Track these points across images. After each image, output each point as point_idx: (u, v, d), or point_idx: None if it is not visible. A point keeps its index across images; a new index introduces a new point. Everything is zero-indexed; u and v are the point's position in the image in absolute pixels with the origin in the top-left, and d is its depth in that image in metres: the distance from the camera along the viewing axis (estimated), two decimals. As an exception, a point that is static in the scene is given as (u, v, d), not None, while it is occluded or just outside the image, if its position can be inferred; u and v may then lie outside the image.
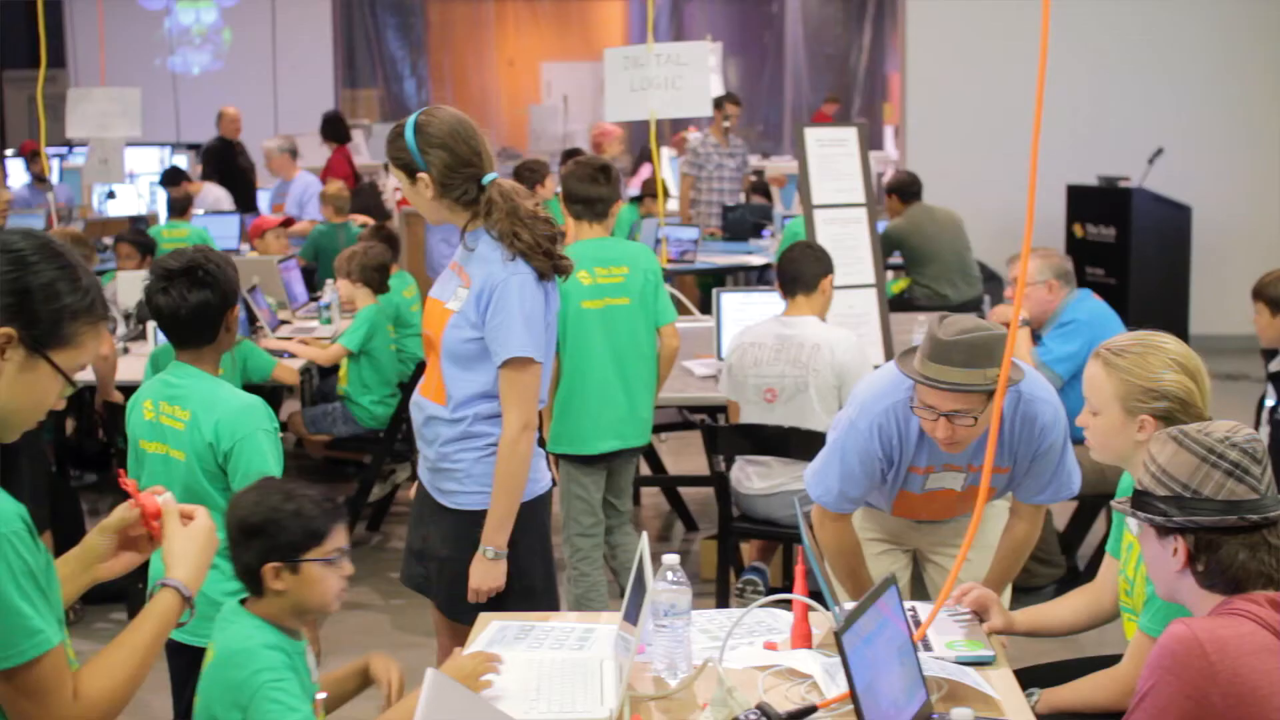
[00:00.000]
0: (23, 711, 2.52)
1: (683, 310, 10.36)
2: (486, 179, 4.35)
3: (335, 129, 14.52)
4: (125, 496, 2.96)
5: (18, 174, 14.98)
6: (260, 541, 3.32)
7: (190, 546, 2.83)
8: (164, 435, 4.30)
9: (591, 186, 6.22)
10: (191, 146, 16.56)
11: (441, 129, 4.33)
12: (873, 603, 3.16)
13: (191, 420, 4.24)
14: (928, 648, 3.71)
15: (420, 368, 8.13)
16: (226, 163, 14.80)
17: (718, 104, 13.06)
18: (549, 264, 4.34)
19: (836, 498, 4.55)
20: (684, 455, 9.53)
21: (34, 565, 2.51)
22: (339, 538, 3.38)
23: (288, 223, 11.54)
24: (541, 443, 4.65)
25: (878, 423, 4.45)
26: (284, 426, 4.41)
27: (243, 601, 3.39)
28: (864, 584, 4.61)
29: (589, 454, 6.26)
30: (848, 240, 7.82)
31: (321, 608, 3.41)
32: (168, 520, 2.84)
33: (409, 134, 4.34)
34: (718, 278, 12.22)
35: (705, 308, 10.48)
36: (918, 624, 3.83)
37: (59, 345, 2.64)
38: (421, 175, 4.35)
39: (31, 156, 13.86)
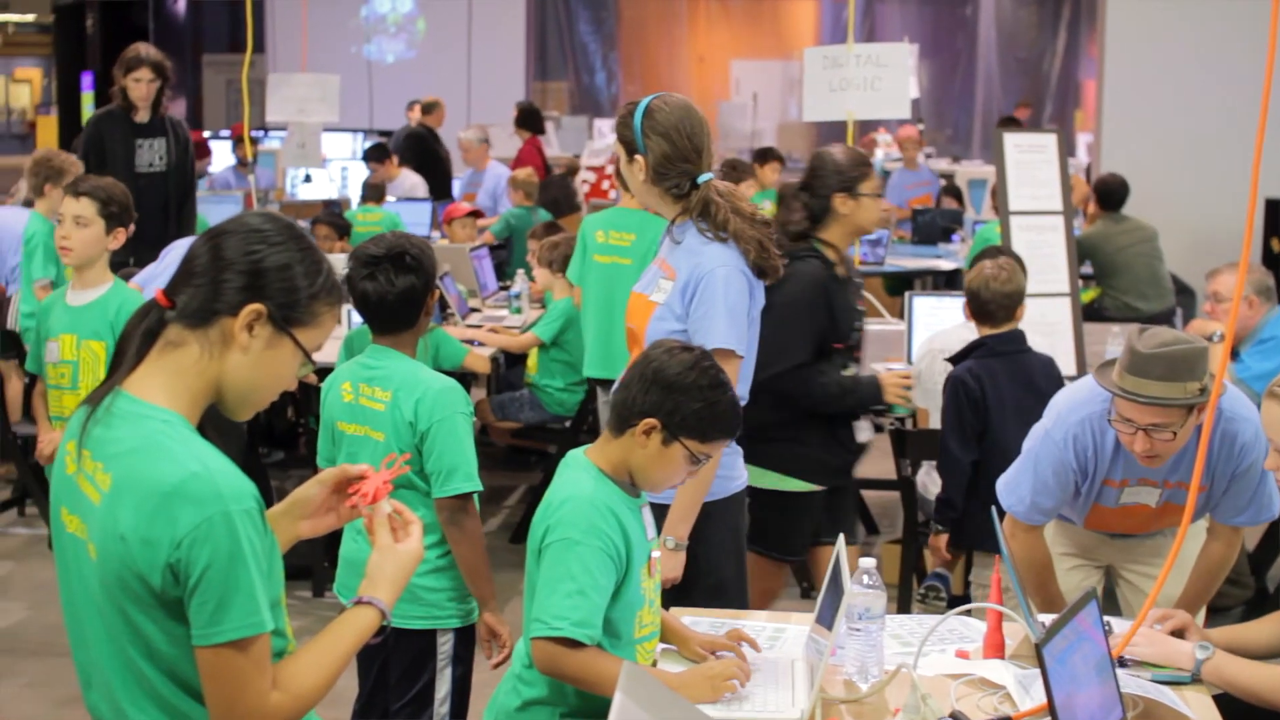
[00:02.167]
0: (221, 694, 2.56)
1: (871, 312, 10.31)
2: (702, 178, 4.38)
3: (531, 119, 14.65)
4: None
5: (222, 156, 15.26)
6: (663, 397, 3.46)
7: (398, 572, 2.84)
8: (364, 417, 4.37)
9: None
10: (384, 133, 16.77)
11: (668, 119, 4.36)
12: (1073, 616, 3.13)
13: (392, 401, 4.30)
14: (1124, 665, 3.66)
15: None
16: (425, 150, 14.97)
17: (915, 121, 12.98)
18: (763, 262, 4.37)
19: (1029, 508, 4.51)
20: (867, 458, 9.44)
21: (260, 546, 2.56)
22: (719, 449, 3.62)
23: (476, 214, 11.63)
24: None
25: (1073, 434, 4.41)
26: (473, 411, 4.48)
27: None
28: (1053, 597, 4.56)
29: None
30: (1043, 248, 7.72)
31: (650, 486, 3.56)
32: (379, 530, 2.86)
33: (637, 115, 4.41)
34: (905, 281, 12.13)
35: (894, 310, 10.41)
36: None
37: (302, 324, 2.71)
38: (638, 157, 4.41)
39: (237, 140, 14.12)
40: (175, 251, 7.92)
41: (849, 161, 5.41)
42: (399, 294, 4.30)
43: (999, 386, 5.80)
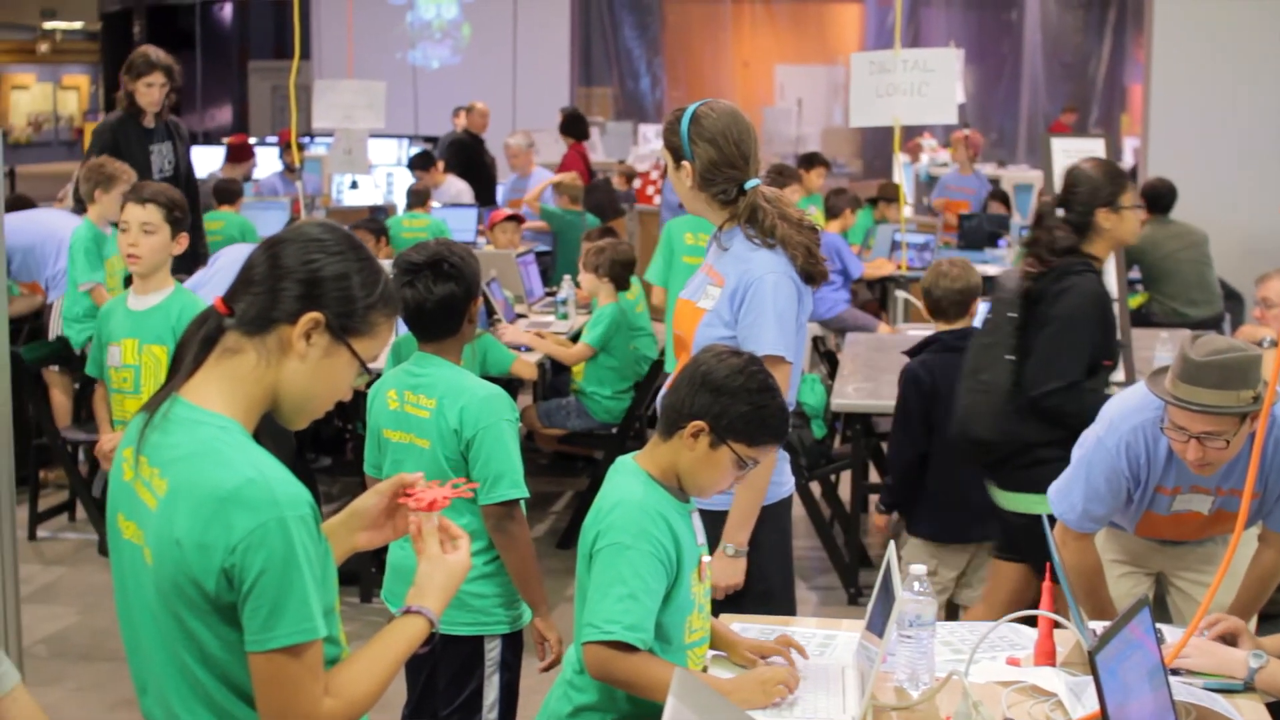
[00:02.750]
0: (274, 700, 2.56)
1: (918, 317, 10.30)
2: (749, 184, 4.38)
3: (575, 125, 14.67)
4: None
5: (268, 162, 15.33)
6: (711, 400, 3.45)
7: (448, 582, 2.85)
8: (409, 424, 4.38)
9: None
10: (429, 139, 16.81)
11: (715, 125, 4.37)
12: (1125, 624, 3.12)
13: (437, 408, 4.31)
14: (1176, 672, 3.64)
15: (654, 368, 8.21)
16: (470, 156, 15.01)
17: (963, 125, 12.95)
18: (811, 268, 4.37)
19: (1080, 516, 4.49)
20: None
21: (314, 553, 2.58)
22: (767, 455, 3.58)
23: (517, 219, 11.64)
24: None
25: (1126, 441, 4.38)
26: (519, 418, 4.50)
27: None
28: (1104, 605, 4.54)
29: None
30: (1091, 253, 7.68)
31: (698, 490, 3.56)
32: (428, 540, 2.87)
33: (684, 121, 4.41)
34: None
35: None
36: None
37: (359, 333, 2.72)
38: (685, 163, 4.42)
39: (284, 146, 14.18)
40: (225, 257, 7.97)
41: (1106, 176, 5.36)
42: (438, 301, 4.30)
43: (950, 380, 5.90)
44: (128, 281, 8.36)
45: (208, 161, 16.24)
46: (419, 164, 13.65)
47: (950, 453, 5.91)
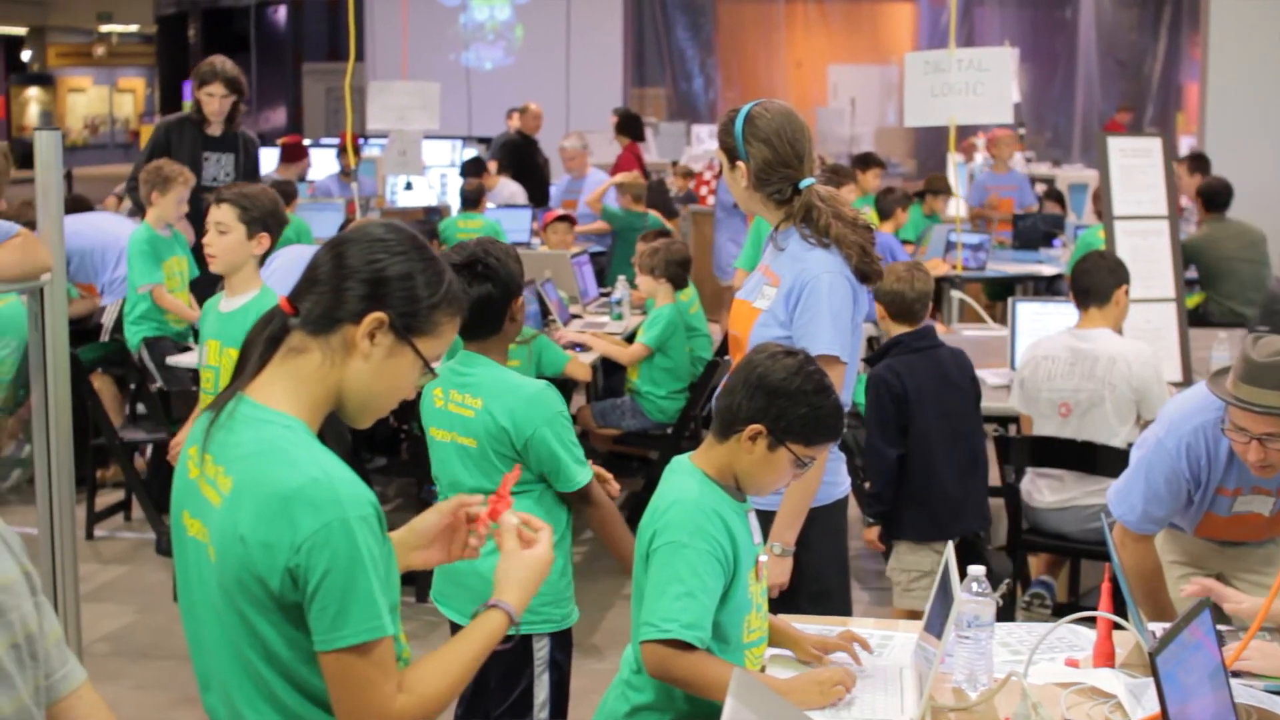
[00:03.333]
0: (347, 698, 2.58)
1: (972, 317, 10.27)
2: (804, 183, 4.38)
3: (631, 126, 14.68)
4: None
5: (323, 164, 15.38)
6: (768, 402, 3.45)
7: (527, 575, 2.86)
8: (454, 423, 4.39)
9: None
10: (482, 140, 16.84)
11: (769, 125, 4.38)
12: (1186, 625, 3.10)
13: (483, 408, 4.32)
14: (1237, 674, 3.62)
15: (709, 368, 8.21)
16: (523, 157, 15.03)
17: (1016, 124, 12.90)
18: (865, 267, 4.37)
19: (1140, 518, 4.47)
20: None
21: (378, 553, 2.58)
22: (822, 453, 3.56)
23: (567, 219, 11.62)
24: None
25: (1186, 442, 4.36)
26: (573, 419, 4.52)
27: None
28: (1163, 606, 4.52)
29: None
30: (1148, 253, 7.66)
31: (756, 490, 3.56)
32: (506, 537, 2.88)
33: (739, 122, 4.43)
34: (1006, 286, 12.06)
35: (995, 315, 10.36)
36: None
37: (423, 333, 2.73)
38: (740, 163, 4.43)
39: (341, 149, 14.23)
40: (281, 258, 8.01)
41: None
42: (475, 302, 4.30)
43: (918, 380, 6.00)
44: (194, 283, 8.45)
45: (262, 162, 16.30)
46: (470, 171, 13.66)
47: (926, 451, 6.00)
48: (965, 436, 6.11)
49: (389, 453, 9.59)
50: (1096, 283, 6.43)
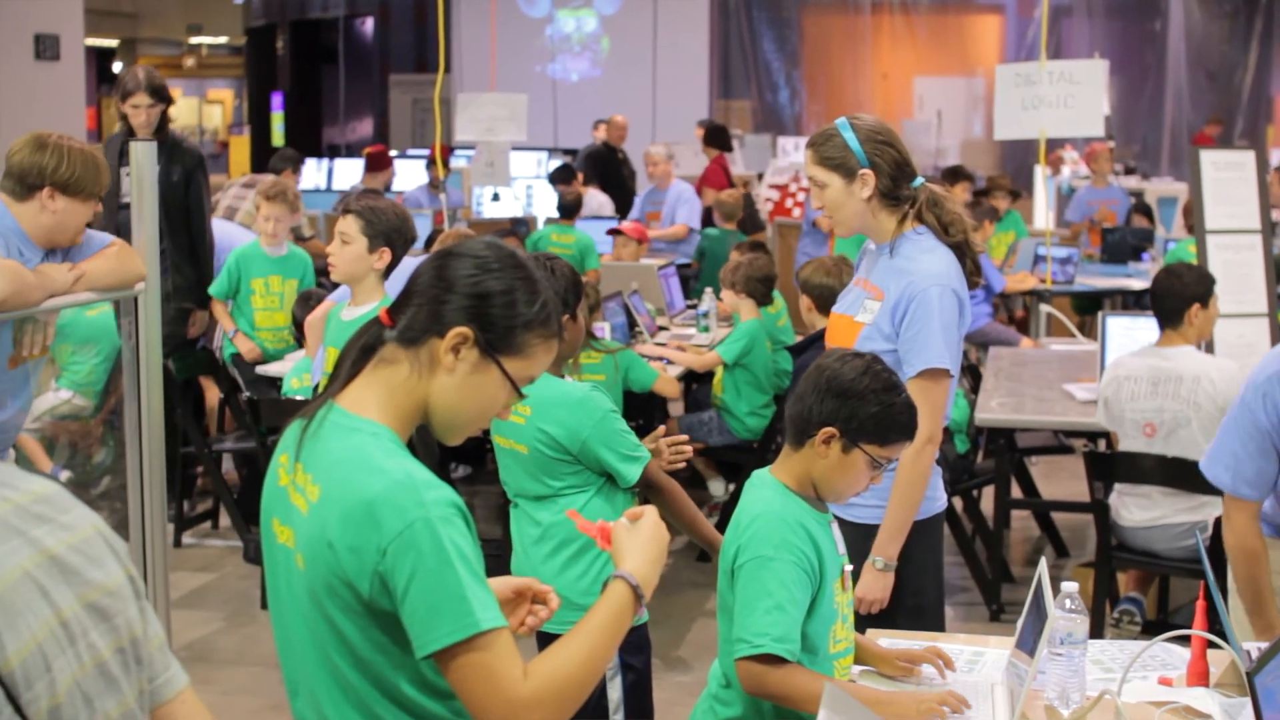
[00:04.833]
0: (474, 692, 2.54)
1: (1061, 331, 10.20)
2: (915, 182, 4.38)
3: (718, 137, 14.68)
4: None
5: (412, 175, 15.45)
6: (839, 404, 3.44)
7: (637, 539, 2.80)
8: (507, 430, 4.48)
9: None
10: (568, 151, 16.89)
11: (880, 127, 4.39)
12: (1285, 645, 3.05)
13: (532, 415, 4.39)
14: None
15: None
16: (609, 169, 15.05)
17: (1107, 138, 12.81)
18: (971, 270, 4.36)
19: (1233, 479, 4.39)
20: (1054, 479, 9.35)
21: (467, 549, 2.56)
22: (896, 453, 3.53)
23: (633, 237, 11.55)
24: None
25: (1263, 391, 4.29)
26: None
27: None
28: (1263, 598, 4.42)
29: None
30: (1240, 268, 7.58)
31: (835, 496, 3.55)
32: (616, 528, 2.86)
33: (847, 133, 4.38)
34: (1095, 300, 11.96)
35: (1083, 330, 10.28)
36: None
37: (511, 353, 2.72)
38: (864, 173, 4.37)
39: (431, 161, 14.30)
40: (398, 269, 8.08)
41: None
42: None
43: None
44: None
45: (349, 173, 16.42)
46: (560, 178, 13.70)
47: None
48: None
49: (474, 462, 9.63)
50: (1165, 305, 6.35)
